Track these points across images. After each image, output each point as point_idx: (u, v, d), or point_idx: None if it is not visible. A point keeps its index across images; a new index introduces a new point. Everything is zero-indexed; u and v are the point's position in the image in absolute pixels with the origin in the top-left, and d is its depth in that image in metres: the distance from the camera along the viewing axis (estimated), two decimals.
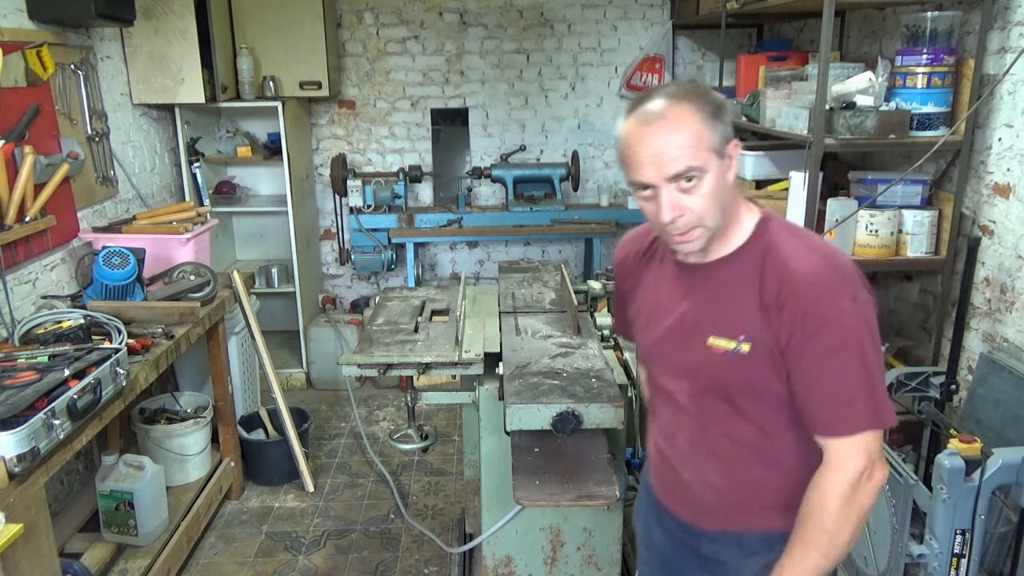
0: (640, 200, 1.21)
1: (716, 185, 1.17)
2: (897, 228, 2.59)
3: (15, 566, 1.67)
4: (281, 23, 3.94)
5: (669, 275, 1.36)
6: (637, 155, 1.16)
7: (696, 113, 1.15)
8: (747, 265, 1.25)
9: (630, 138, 1.17)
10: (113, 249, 2.52)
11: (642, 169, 1.16)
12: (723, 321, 1.26)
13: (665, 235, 1.23)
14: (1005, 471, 1.92)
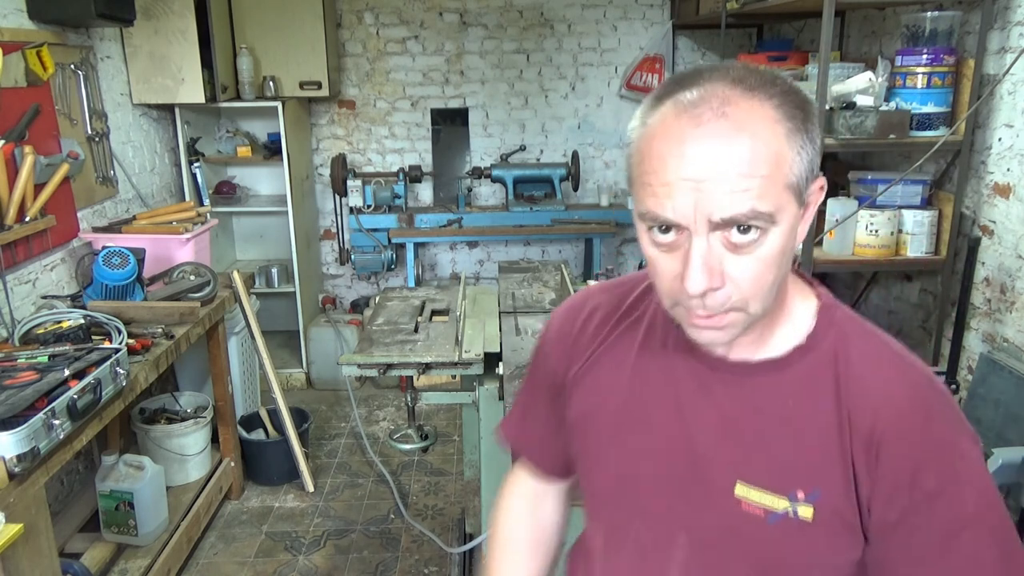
0: (652, 246, 0.75)
1: (783, 247, 0.73)
2: (897, 228, 2.59)
3: (15, 566, 1.67)
4: (281, 23, 3.94)
5: (662, 365, 0.87)
6: (665, 172, 0.70)
7: (780, 118, 0.71)
8: (811, 379, 0.80)
9: (659, 141, 0.71)
10: (113, 249, 2.52)
11: (672, 198, 0.70)
12: (766, 463, 0.79)
13: (678, 309, 0.77)
14: (1005, 471, 1.92)
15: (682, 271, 0.72)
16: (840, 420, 0.77)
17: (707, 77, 0.73)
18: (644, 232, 0.76)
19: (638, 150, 0.74)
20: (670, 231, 0.73)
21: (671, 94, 0.73)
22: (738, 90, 0.71)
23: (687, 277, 0.71)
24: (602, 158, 4.69)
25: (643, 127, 0.75)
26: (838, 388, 0.78)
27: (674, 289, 0.75)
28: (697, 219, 0.70)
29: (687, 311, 0.76)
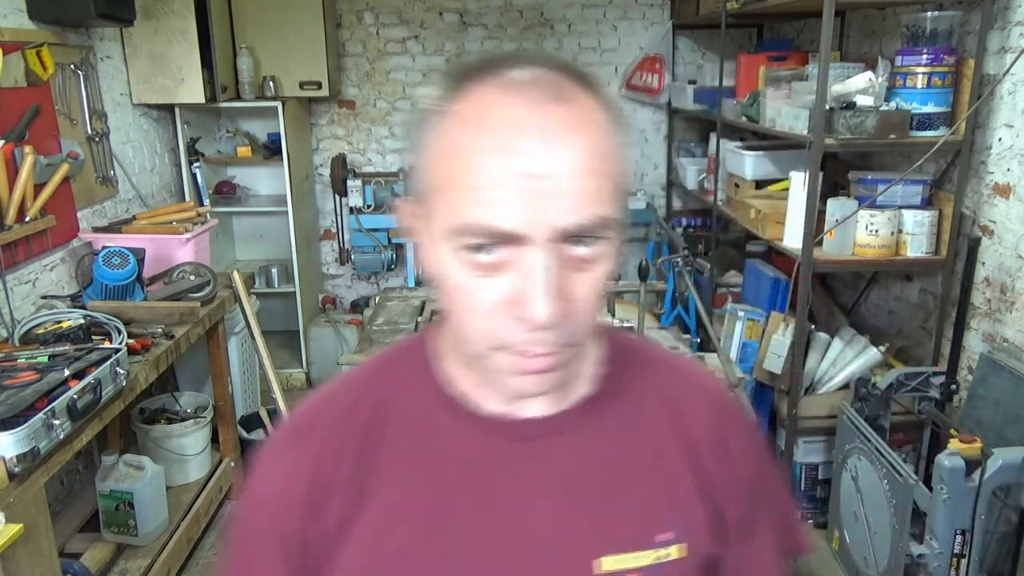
0: (465, 272, 0.58)
1: (613, 267, 0.61)
2: (897, 228, 2.59)
3: (15, 566, 1.67)
4: (281, 23, 3.94)
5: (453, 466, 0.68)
6: (495, 168, 0.55)
7: (611, 120, 0.61)
8: (628, 410, 0.72)
9: (480, 130, 0.57)
10: (113, 249, 2.52)
11: (506, 202, 0.55)
12: (617, 523, 0.68)
13: (499, 356, 0.60)
14: (1005, 471, 1.92)
15: (516, 298, 0.57)
16: (670, 441, 0.72)
17: (529, 58, 0.60)
18: (451, 254, 0.58)
19: (444, 144, 0.58)
20: (494, 248, 0.57)
21: (487, 71, 0.59)
22: (570, 79, 0.60)
23: (531, 304, 0.56)
24: None
25: (447, 114, 0.58)
26: (664, 400, 0.73)
27: (497, 327, 0.58)
28: (538, 227, 0.55)
29: (513, 356, 0.59)
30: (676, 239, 3.75)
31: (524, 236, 0.56)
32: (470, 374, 0.68)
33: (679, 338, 2.26)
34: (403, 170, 4.35)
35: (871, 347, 2.78)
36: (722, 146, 3.59)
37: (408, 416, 0.70)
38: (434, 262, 0.62)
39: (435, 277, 0.62)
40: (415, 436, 0.69)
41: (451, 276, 0.60)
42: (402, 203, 0.67)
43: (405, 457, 0.68)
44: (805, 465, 2.88)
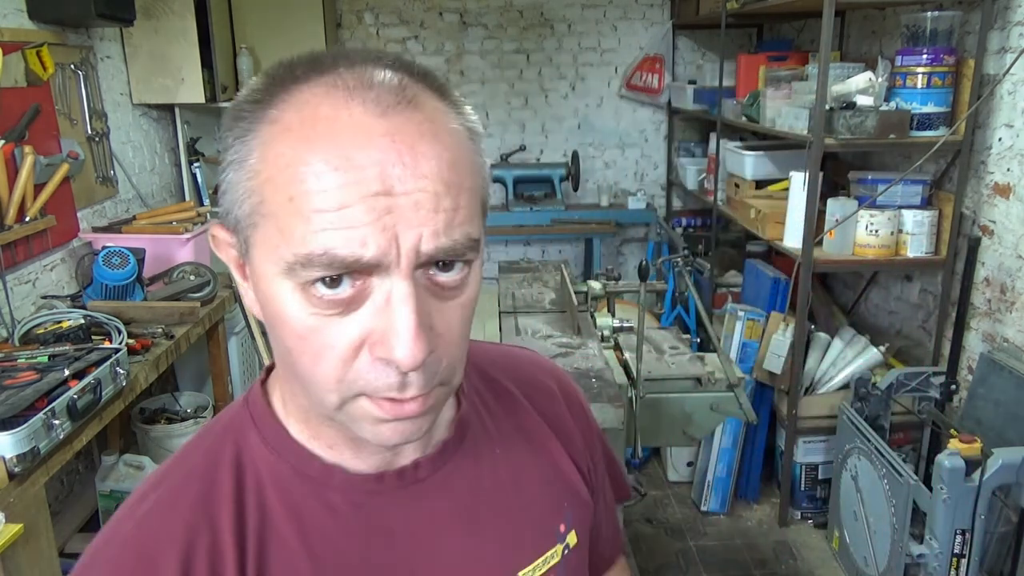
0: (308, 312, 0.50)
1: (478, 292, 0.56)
2: (897, 228, 2.59)
3: (15, 566, 1.67)
4: (281, 23, 3.94)
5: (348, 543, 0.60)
6: (340, 187, 0.47)
7: (465, 125, 0.54)
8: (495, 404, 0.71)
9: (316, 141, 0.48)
10: (113, 249, 2.52)
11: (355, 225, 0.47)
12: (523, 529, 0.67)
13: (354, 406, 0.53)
14: (1005, 471, 1.92)
15: (377, 338, 0.49)
16: (538, 423, 0.72)
17: (363, 56, 0.52)
18: (289, 292, 0.50)
19: (267, 159, 0.49)
20: (342, 281, 0.49)
21: (314, 71, 0.51)
22: (414, 79, 0.52)
23: (396, 343, 0.48)
24: (602, 158, 4.68)
25: (266, 121, 0.50)
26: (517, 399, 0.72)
27: (356, 374, 0.51)
28: (397, 254, 0.48)
29: (376, 403, 0.52)
30: (676, 239, 3.75)
31: (380, 265, 0.48)
32: (325, 432, 0.59)
33: (679, 338, 2.26)
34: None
35: (871, 347, 2.78)
36: (722, 146, 3.59)
37: (286, 505, 0.58)
38: (268, 300, 0.52)
39: (270, 319, 0.53)
40: (300, 524, 0.58)
41: (291, 318, 0.50)
42: (217, 231, 0.56)
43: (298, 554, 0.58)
44: (805, 465, 2.88)
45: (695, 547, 2.82)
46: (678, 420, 1.97)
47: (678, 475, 3.21)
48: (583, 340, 2.06)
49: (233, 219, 0.53)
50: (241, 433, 0.61)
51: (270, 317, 0.53)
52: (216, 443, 0.61)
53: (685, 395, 1.96)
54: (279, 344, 0.54)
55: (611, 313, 2.32)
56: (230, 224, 0.53)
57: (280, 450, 0.60)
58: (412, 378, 0.51)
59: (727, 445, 2.95)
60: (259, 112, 0.51)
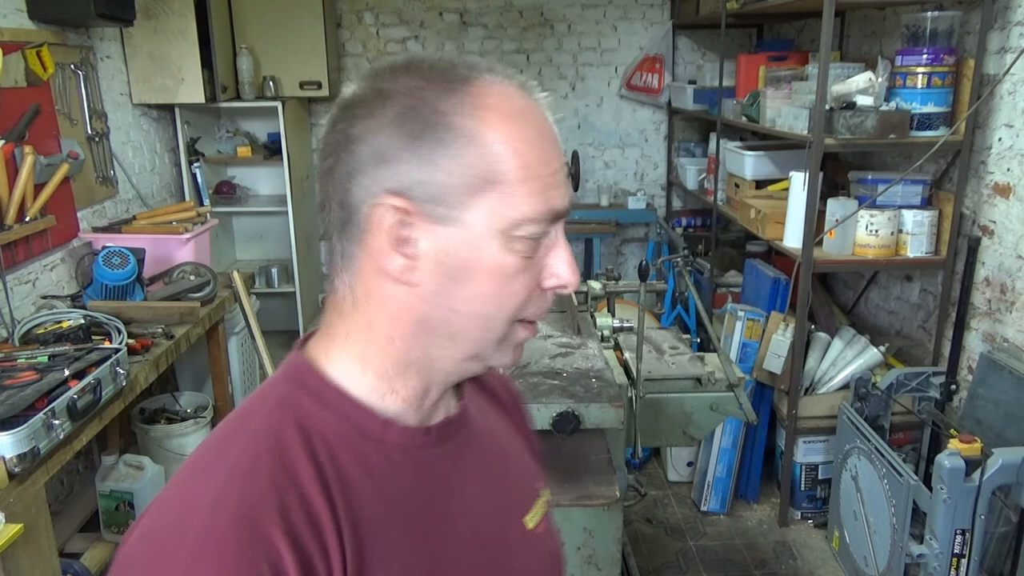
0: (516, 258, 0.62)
1: None
2: (897, 228, 2.59)
3: (15, 566, 1.67)
4: (281, 23, 3.94)
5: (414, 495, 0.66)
6: (549, 156, 0.63)
7: None
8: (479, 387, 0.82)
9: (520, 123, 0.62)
10: (113, 249, 2.52)
11: (561, 185, 0.64)
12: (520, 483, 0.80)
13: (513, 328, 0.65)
14: (1005, 471, 1.92)
15: (551, 271, 0.64)
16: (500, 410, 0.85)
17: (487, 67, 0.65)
18: (502, 247, 0.61)
19: (494, 136, 0.60)
20: (543, 226, 0.63)
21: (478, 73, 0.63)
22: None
23: (569, 272, 0.65)
24: (602, 158, 4.68)
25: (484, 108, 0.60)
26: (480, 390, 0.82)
27: (530, 302, 0.64)
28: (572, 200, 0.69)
29: (525, 327, 0.66)
30: (676, 239, 3.75)
31: (565, 212, 0.64)
32: (404, 385, 0.67)
33: (679, 338, 2.26)
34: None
35: (871, 347, 2.78)
36: (722, 146, 3.59)
37: (357, 462, 0.63)
38: (470, 254, 0.61)
39: (459, 273, 0.62)
40: (371, 477, 0.64)
41: (503, 266, 0.62)
42: (394, 203, 0.61)
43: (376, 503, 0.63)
44: (805, 465, 2.88)
45: (695, 547, 2.82)
46: (678, 420, 1.97)
47: (678, 475, 3.21)
48: (583, 340, 2.06)
49: (434, 187, 0.60)
50: (295, 403, 0.65)
51: (471, 270, 0.61)
52: (273, 415, 0.64)
53: (685, 395, 1.96)
54: (468, 292, 0.62)
55: (611, 313, 2.31)
56: (422, 193, 0.60)
57: (339, 411, 0.65)
58: (553, 299, 0.67)
59: (727, 445, 2.95)
60: (461, 97, 0.60)
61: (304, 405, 0.64)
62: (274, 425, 0.63)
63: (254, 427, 0.63)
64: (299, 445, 0.61)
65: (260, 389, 0.69)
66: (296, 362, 0.68)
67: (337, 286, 0.67)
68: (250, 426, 0.63)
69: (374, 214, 0.61)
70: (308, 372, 0.67)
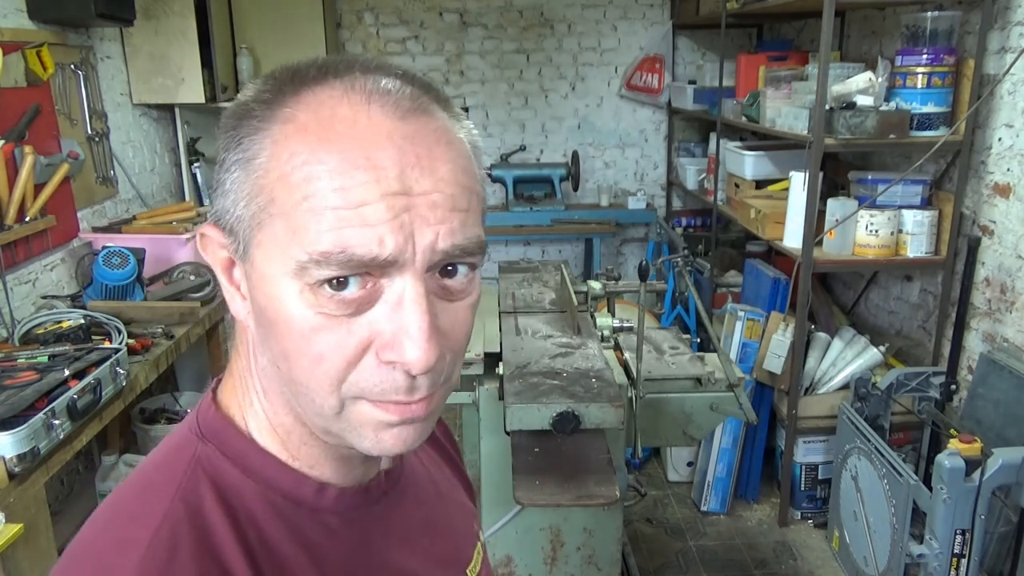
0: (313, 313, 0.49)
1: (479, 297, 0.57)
2: (897, 228, 2.59)
3: (15, 566, 1.67)
4: (281, 23, 3.94)
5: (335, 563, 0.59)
6: (360, 184, 0.48)
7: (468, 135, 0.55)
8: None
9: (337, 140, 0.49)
10: (113, 249, 2.52)
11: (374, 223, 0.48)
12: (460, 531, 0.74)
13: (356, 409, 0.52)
14: (1005, 471, 1.92)
15: (387, 339, 0.49)
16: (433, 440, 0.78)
17: (373, 65, 0.53)
18: (296, 294, 0.49)
19: (281, 156, 0.49)
20: (349, 282, 0.48)
21: (326, 76, 0.51)
22: (421, 90, 0.53)
23: (411, 346, 0.48)
24: (602, 158, 4.68)
25: (279, 120, 0.50)
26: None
27: (361, 376, 0.50)
28: (415, 251, 0.48)
29: (380, 407, 0.51)
30: (676, 239, 3.75)
31: (396, 263, 0.48)
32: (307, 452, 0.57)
33: (679, 338, 2.26)
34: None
35: (871, 347, 2.78)
36: (722, 146, 3.59)
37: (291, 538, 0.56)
38: (269, 301, 0.50)
39: (267, 323, 0.51)
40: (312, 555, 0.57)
41: (296, 318, 0.49)
42: (208, 231, 0.54)
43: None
44: (805, 465, 2.88)
45: (695, 547, 2.82)
46: (678, 420, 1.97)
47: (678, 475, 3.21)
48: (583, 340, 2.06)
49: (232, 218, 0.52)
50: (212, 468, 0.55)
51: (268, 320, 0.51)
52: (188, 485, 0.54)
53: (685, 395, 1.96)
54: (274, 348, 0.52)
55: (611, 313, 2.31)
56: (226, 224, 0.52)
57: (266, 479, 0.56)
58: (420, 380, 0.50)
59: (727, 445, 2.95)
60: (270, 111, 0.51)
61: (225, 473, 0.55)
62: (192, 500, 0.53)
63: (168, 501, 0.53)
64: (223, 524, 0.53)
65: (170, 446, 0.58)
66: (210, 416, 0.58)
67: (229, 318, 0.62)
68: (163, 498, 0.53)
69: (205, 246, 0.55)
70: (225, 429, 0.57)
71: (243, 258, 0.52)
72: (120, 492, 0.57)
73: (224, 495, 0.54)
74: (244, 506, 0.54)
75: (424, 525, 0.67)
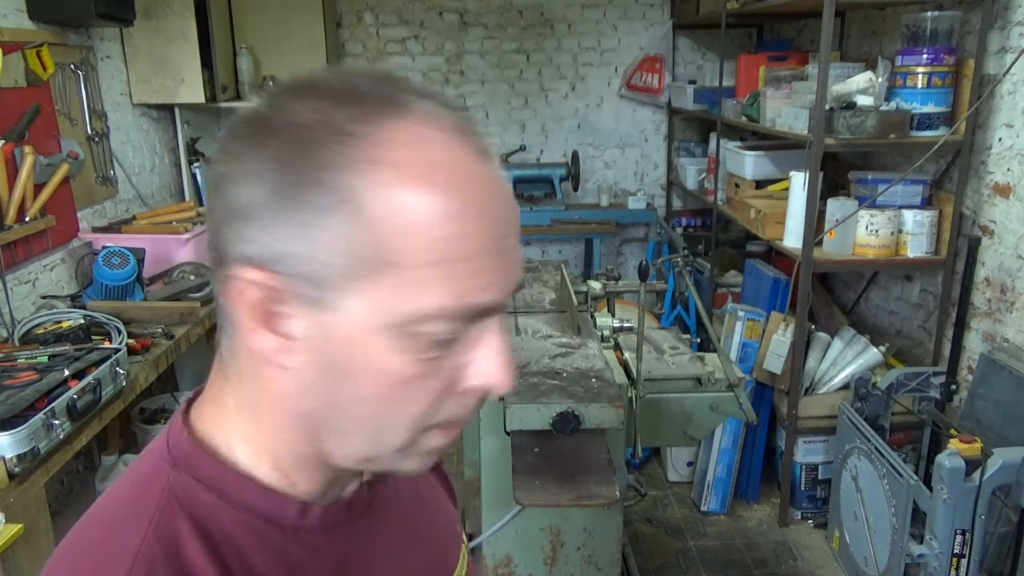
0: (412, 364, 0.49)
1: None
2: (897, 228, 2.59)
3: (15, 566, 1.67)
4: (281, 23, 3.94)
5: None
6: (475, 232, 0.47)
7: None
8: None
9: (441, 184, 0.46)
10: (113, 249, 2.52)
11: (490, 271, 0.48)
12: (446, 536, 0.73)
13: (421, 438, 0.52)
14: (1005, 471, 1.92)
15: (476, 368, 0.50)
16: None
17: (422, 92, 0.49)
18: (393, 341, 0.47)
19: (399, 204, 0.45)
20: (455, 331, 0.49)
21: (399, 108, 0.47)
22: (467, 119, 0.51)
23: (501, 372, 0.51)
24: (602, 158, 4.68)
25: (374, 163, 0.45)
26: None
27: (433, 407, 0.50)
28: (507, 294, 0.50)
29: (443, 432, 0.53)
30: (676, 239, 3.74)
31: (499, 304, 0.49)
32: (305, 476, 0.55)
33: (679, 338, 2.26)
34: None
35: (871, 347, 2.78)
36: (722, 146, 3.59)
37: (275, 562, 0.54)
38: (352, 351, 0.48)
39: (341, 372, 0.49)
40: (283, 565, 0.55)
41: (390, 368, 0.48)
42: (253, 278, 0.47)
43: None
44: (805, 465, 2.88)
45: (695, 547, 2.82)
46: (678, 420, 1.97)
47: (678, 475, 3.21)
48: (583, 340, 2.06)
49: (307, 264, 0.46)
50: (187, 498, 0.53)
51: (351, 368, 0.48)
52: (161, 519, 0.51)
53: (685, 395, 1.96)
54: (350, 394, 0.49)
55: (611, 313, 2.31)
56: (291, 269, 0.47)
57: (245, 504, 0.54)
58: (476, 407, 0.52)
59: (727, 445, 2.95)
60: (354, 149, 0.46)
61: (200, 501, 0.52)
62: (167, 535, 0.50)
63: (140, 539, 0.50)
64: (204, 561, 0.50)
65: (137, 476, 0.55)
66: (182, 442, 0.55)
67: (221, 348, 0.54)
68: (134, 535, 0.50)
69: (234, 286, 0.48)
70: (199, 455, 0.54)
71: (316, 305, 0.47)
72: (84, 530, 0.53)
73: (202, 526, 0.51)
74: (223, 534, 0.52)
75: (407, 535, 0.66)
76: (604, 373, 1.83)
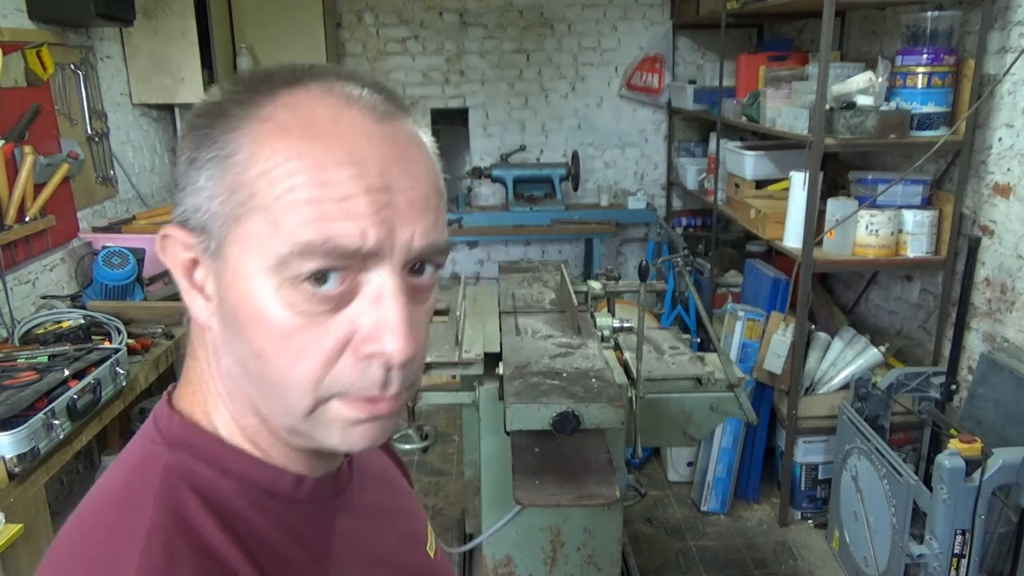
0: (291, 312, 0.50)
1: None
2: (897, 228, 2.59)
3: (15, 566, 1.67)
4: (281, 23, 3.94)
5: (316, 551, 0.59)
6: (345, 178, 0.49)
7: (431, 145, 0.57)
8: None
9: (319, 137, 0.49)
10: (113, 249, 2.52)
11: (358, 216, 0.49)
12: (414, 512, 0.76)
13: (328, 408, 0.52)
14: (1005, 471, 1.92)
15: (367, 334, 0.50)
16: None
17: (343, 71, 0.54)
18: (274, 291, 0.49)
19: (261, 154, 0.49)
20: (328, 277, 0.49)
21: (301, 79, 0.52)
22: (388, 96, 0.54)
23: (391, 337, 0.49)
24: (602, 158, 4.69)
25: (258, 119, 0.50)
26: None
27: (331, 374, 0.50)
28: (394, 247, 0.50)
29: (353, 404, 0.52)
30: (676, 239, 3.74)
31: (376, 255, 0.49)
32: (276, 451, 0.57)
33: (679, 338, 2.25)
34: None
35: (871, 347, 2.78)
36: (722, 146, 3.59)
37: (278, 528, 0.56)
38: (243, 299, 0.50)
39: (240, 322, 0.51)
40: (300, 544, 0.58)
41: (273, 317, 0.49)
42: (173, 232, 0.54)
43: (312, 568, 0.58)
44: (805, 465, 2.88)
45: (695, 547, 2.82)
46: (678, 420, 1.97)
47: (678, 475, 3.21)
48: (583, 340, 2.06)
49: (205, 215, 0.52)
50: (187, 473, 0.54)
51: (240, 320, 0.51)
52: (166, 495, 0.53)
53: (685, 395, 1.96)
54: (244, 348, 0.52)
55: (611, 313, 2.31)
56: (196, 222, 0.52)
57: (244, 475, 0.56)
58: (395, 375, 0.51)
59: (727, 445, 2.95)
60: (245, 111, 0.51)
61: (202, 476, 0.54)
62: (175, 507, 0.52)
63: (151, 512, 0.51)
64: (215, 527, 0.52)
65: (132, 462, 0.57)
66: (173, 424, 0.57)
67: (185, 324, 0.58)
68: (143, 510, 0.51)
69: (170, 250, 0.55)
70: (193, 433, 0.56)
71: (214, 256, 0.52)
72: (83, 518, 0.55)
73: (206, 497, 0.53)
74: (227, 505, 0.54)
75: (385, 508, 0.70)
76: (604, 373, 1.82)
